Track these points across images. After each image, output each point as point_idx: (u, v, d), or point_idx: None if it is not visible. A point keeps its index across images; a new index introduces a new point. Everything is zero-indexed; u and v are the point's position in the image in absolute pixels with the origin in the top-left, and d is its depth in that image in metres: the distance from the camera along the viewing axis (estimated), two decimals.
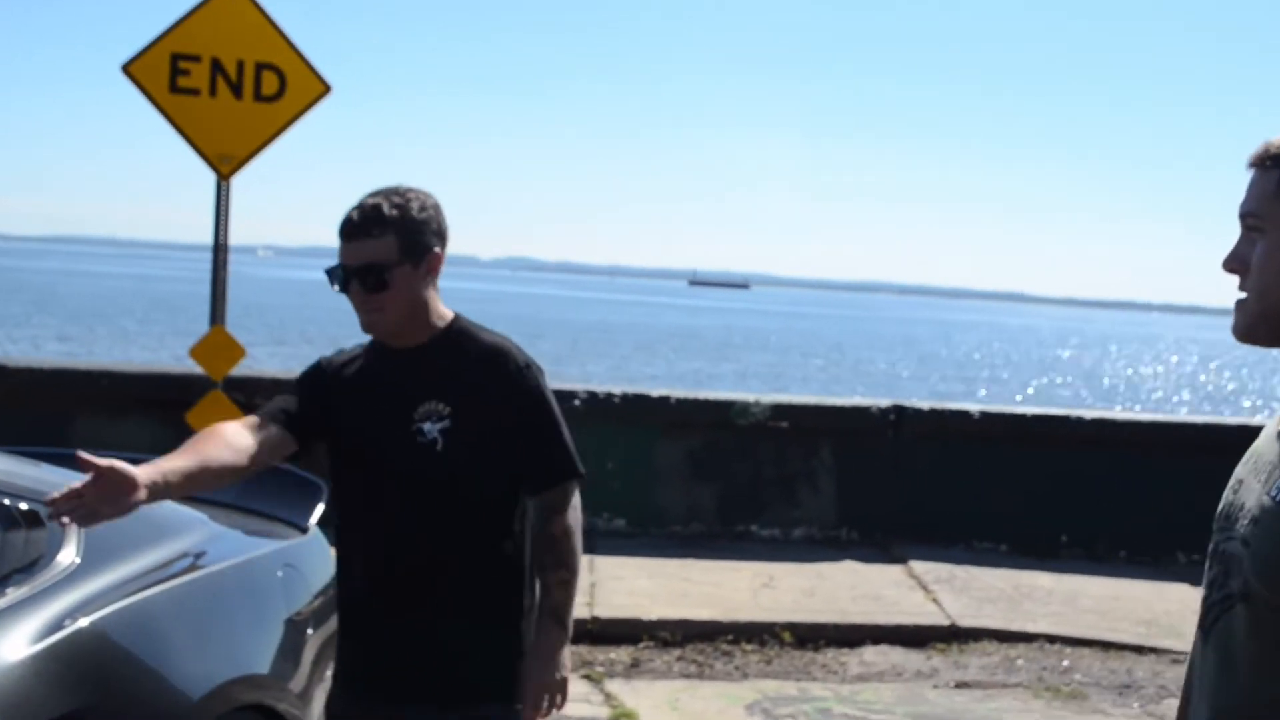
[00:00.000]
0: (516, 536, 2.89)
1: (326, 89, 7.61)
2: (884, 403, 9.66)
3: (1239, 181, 1.84)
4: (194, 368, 8.35)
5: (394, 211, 2.79)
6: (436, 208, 2.87)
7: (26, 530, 2.86)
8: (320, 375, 2.98)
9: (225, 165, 7.46)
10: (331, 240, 2.86)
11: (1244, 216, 1.83)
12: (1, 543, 2.80)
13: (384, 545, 2.85)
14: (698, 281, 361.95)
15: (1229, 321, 1.86)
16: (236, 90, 7.41)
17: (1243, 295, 1.84)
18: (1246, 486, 1.86)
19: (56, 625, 2.66)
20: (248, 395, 8.22)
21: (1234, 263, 1.84)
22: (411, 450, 2.81)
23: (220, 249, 7.55)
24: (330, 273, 2.86)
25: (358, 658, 2.93)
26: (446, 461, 2.81)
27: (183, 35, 7.33)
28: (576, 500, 2.93)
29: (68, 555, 2.86)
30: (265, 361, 25.62)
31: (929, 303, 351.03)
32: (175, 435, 8.06)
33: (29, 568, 2.80)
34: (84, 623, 2.73)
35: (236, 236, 7.70)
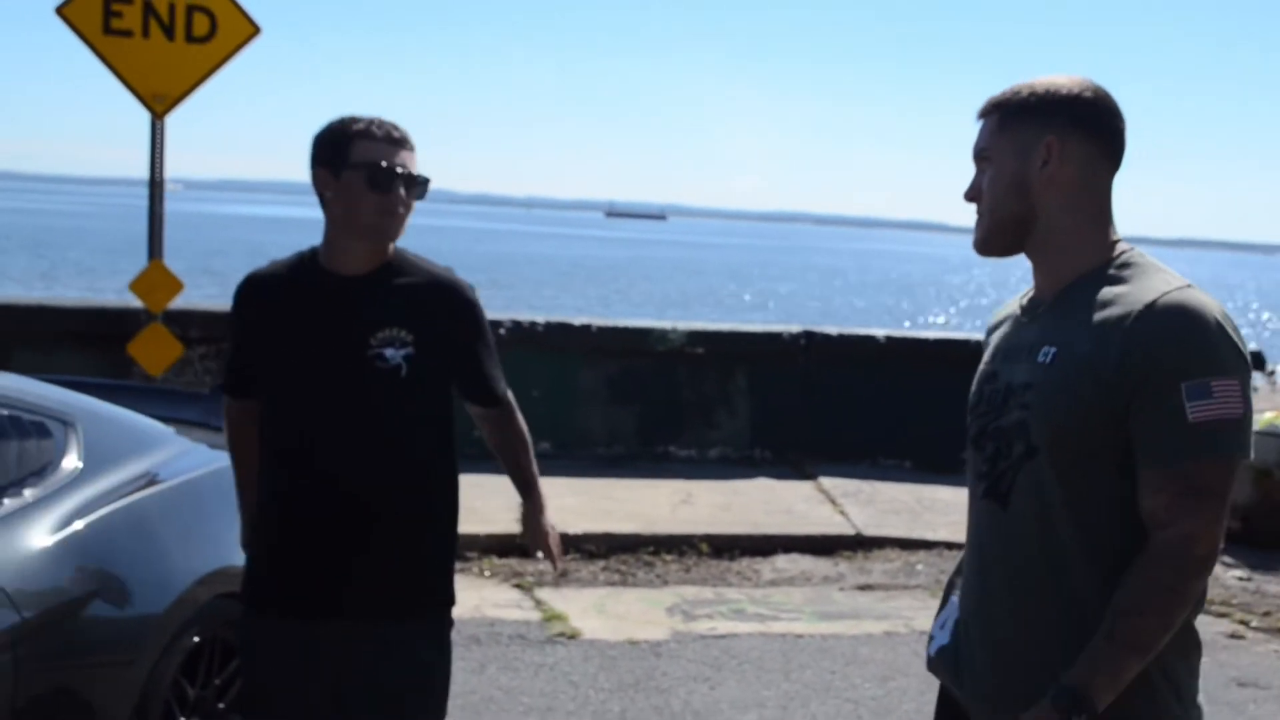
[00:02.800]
0: (452, 453, 3.04)
1: (256, 30, 7.86)
2: (795, 328, 10.15)
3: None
4: (128, 302, 8.64)
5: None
6: None
7: (37, 440, 3.23)
8: (250, 309, 3.01)
9: (159, 104, 7.71)
10: (243, 174, 2.97)
11: (977, 154, 2.23)
12: (18, 450, 3.17)
13: (339, 468, 2.89)
14: (615, 213, 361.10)
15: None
16: (168, 31, 7.65)
17: (979, 216, 2.23)
18: (1005, 373, 2.21)
19: (68, 521, 3.06)
20: (183, 327, 8.52)
21: (972, 192, 2.24)
22: (370, 375, 2.87)
23: (156, 186, 7.82)
24: (384, 170, 2.86)
25: (297, 580, 2.93)
26: (408, 387, 2.89)
27: None
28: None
29: (71, 461, 3.25)
30: (193, 294, 25.66)
31: (845, 233, 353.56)
32: (112, 365, 8.37)
33: (40, 471, 3.18)
34: (91, 519, 3.12)
35: (142, 170, 7.92)
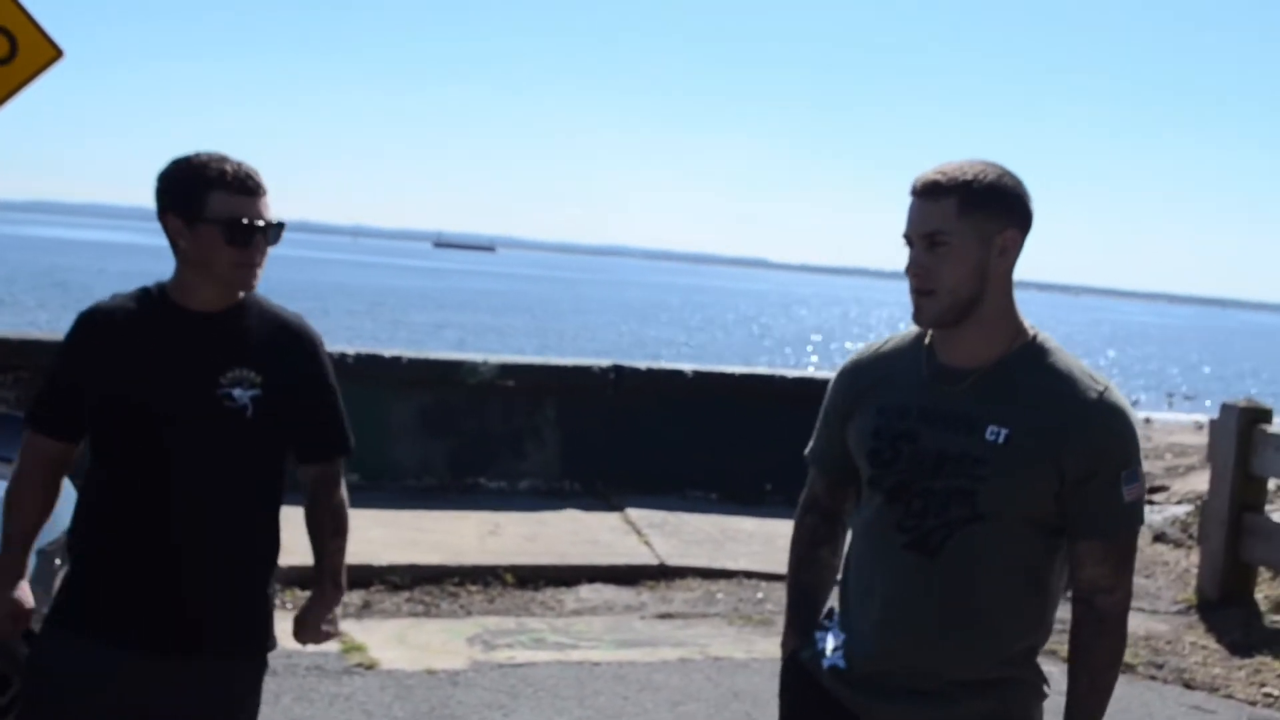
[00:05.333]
0: (281, 497, 3.04)
1: (59, 54, 7.69)
2: (604, 362, 10.33)
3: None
4: None
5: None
6: None
7: None
8: (90, 343, 2.95)
9: None
10: (59, 195, 2.92)
11: (927, 235, 2.42)
12: None
13: (172, 505, 2.88)
14: (443, 243, 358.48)
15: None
16: None
17: (928, 293, 2.45)
18: (930, 437, 2.47)
19: None
20: None
21: (917, 269, 2.46)
22: (216, 414, 2.87)
23: None
24: (244, 227, 2.85)
25: (123, 611, 2.92)
26: (253, 428, 2.90)
27: None
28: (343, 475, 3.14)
29: None
30: None
31: (671, 267, 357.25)
32: None
33: None
34: None
35: None
